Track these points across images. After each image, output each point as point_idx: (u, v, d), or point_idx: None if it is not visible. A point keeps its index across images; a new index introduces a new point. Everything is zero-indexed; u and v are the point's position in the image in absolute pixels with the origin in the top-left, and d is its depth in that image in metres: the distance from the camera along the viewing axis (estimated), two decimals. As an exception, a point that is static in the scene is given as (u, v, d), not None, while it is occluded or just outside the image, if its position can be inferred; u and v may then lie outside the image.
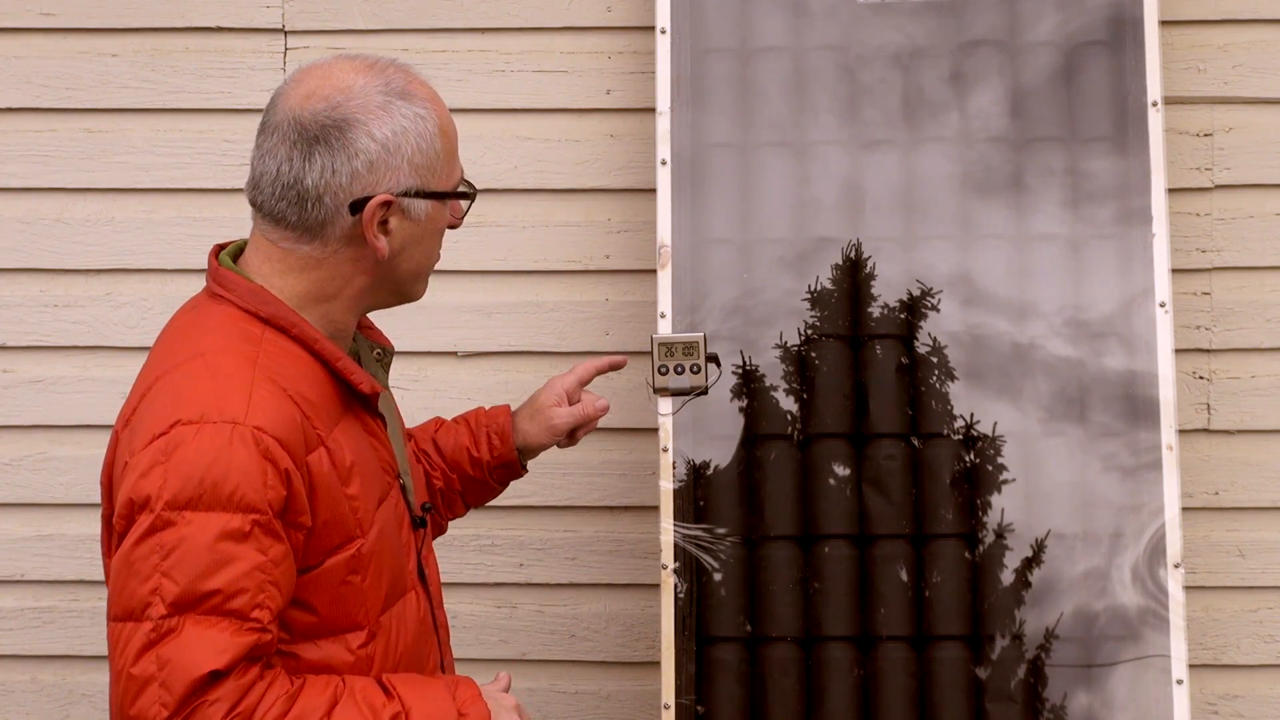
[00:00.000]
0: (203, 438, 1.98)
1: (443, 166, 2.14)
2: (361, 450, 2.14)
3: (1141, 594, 2.72)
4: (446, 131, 2.14)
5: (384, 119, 2.08)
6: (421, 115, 2.11)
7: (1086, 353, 2.80)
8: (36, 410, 3.15)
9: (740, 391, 2.81)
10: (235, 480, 1.96)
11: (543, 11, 3.10)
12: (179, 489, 1.96)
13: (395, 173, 2.10)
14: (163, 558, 1.95)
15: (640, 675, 3.11)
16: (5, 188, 3.14)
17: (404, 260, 2.15)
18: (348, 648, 2.11)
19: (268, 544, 1.98)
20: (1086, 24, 2.89)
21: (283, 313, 2.11)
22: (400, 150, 2.09)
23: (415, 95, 2.12)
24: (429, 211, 2.14)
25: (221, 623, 1.95)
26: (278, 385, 2.05)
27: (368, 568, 2.11)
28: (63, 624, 3.17)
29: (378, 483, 2.16)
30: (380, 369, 2.30)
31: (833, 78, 2.90)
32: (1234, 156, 3.05)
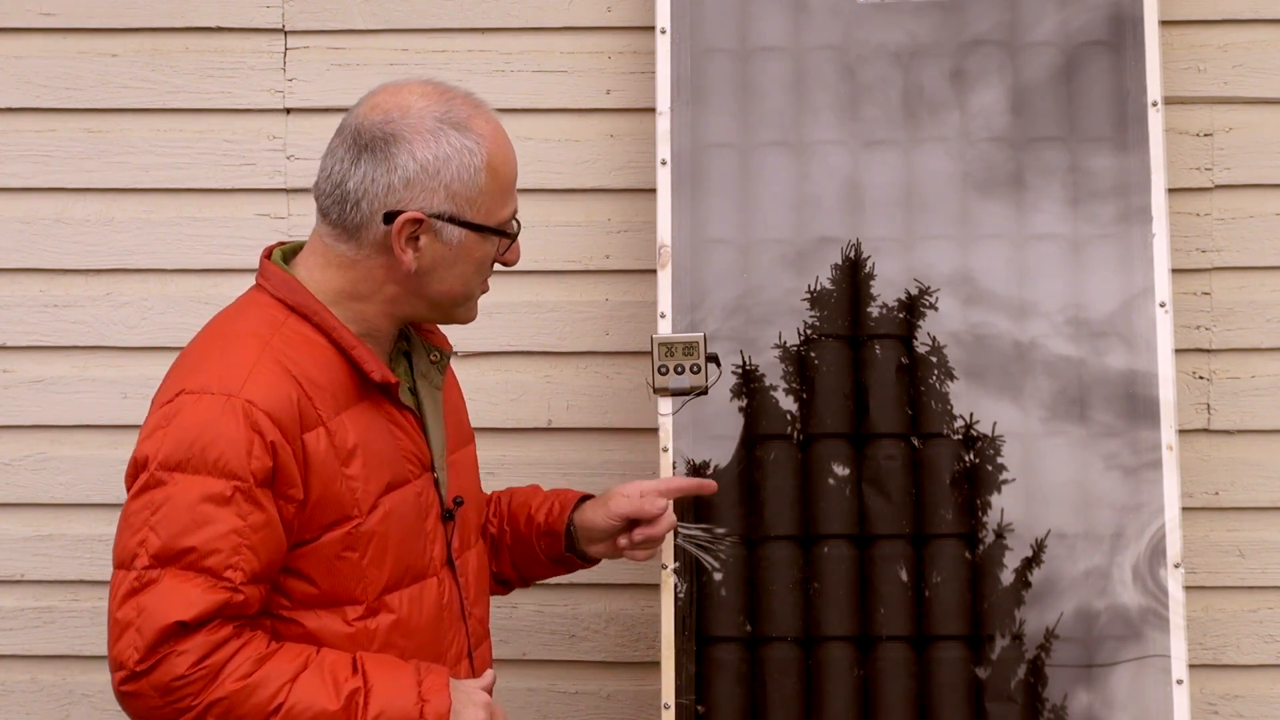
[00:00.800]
0: (200, 406, 2.15)
1: (485, 201, 2.25)
2: (373, 436, 2.25)
3: (1141, 594, 2.72)
4: (496, 169, 2.27)
5: (430, 143, 2.22)
6: (470, 149, 2.24)
7: (1086, 352, 2.80)
8: (36, 410, 3.15)
9: (740, 391, 2.81)
10: (221, 448, 2.12)
11: (543, 11, 3.10)
12: (171, 451, 2.13)
13: (431, 194, 2.22)
14: (151, 513, 2.12)
15: (640, 675, 3.11)
16: (5, 188, 3.14)
17: (434, 280, 2.27)
18: (344, 619, 2.22)
19: (247, 510, 2.12)
20: (1086, 24, 2.89)
21: (307, 301, 2.26)
22: (439, 175, 2.22)
23: (471, 129, 2.25)
24: (462, 240, 2.25)
25: (196, 578, 2.10)
26: (282, 366, 2.19)
27: (367, 546, 2.23)
28: (63, 624, 3.17)
29: (389, 468, 2.27)
30: (435, 371, 2.41)
31: (833, 77, 2.90)
32: (1234, 156, 3.05)
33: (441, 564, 2.35)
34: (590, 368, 3.12)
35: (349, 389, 2.25)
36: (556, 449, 3.13)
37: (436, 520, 2.35)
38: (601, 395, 3.12)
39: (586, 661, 3.15)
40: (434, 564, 2.33)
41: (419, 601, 2.30)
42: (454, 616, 2.37)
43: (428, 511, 2.33)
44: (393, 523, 2.27)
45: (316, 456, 2.19)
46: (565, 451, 3.13)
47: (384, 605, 2.26)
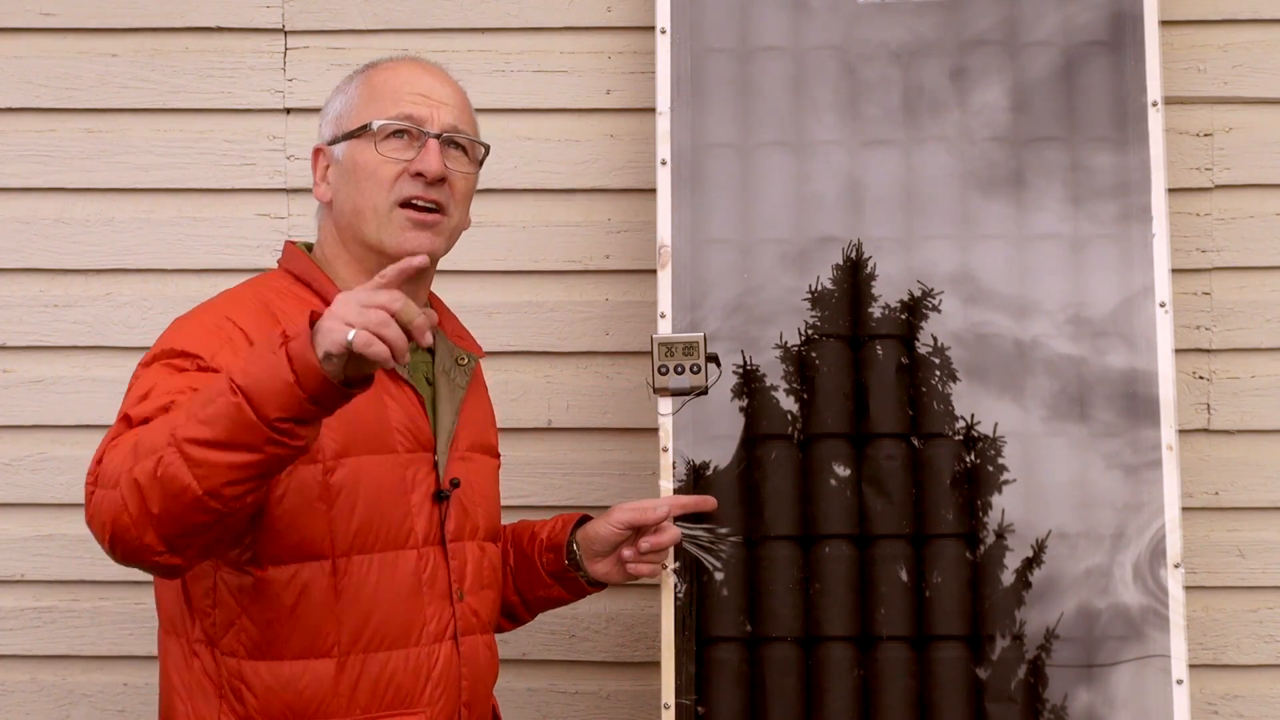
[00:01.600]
0: (184, 317, 2.35)
1: (360, 111, 2.42)
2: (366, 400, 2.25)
3: (1141, 594, 2.72)
4: (374, 81, 2.44)
5: (335, 91, 2.50)
6: (352, 78, 2.48)
7: (1086, 352, 2.80)
8: (36, 410, 3.15)
9: (740, 391, 2.81)
10: (189, 340, 2.26)
11: (543, 11, 3.10)
12: (157, 351, 2.28)
13: (325, 128, 2.47)
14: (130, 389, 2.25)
15: (640, 675, 3.11)
16: (5, 188, 3.14)
17: (340, 202, 2.43)
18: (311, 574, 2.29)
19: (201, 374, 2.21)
20: (1086, 24, 2.89)
21: (309, 270, 2.43)
22: (330, 109, 2.48)
23: (369, 65, 2.49)
24: (345, 153, 2.42)
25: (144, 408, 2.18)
26: (269, 310, 2.35)
27: (335, 499, 2.29)
28: (63, 624, 3.16)
29: (368, 432, 2.33)
30: (461, 371, 2.50)
31: (833, 77, 2.90)
32: (1234, 156, 3.05)
33: (428, 541, 2.38)
34: (590, 368, 3.12)
35: None
36: (556, 449, 3.13)
37: (426, 498, 2.39)
38: (601, 395, 3.12)
39: (586, 661, 3.15)
40: (415, 538, 2.36)
41: (391, 569, 2.34)
42: (438, 594, 2.38)
43: (414, 487, 2.37)
44: (364, 484, 2.31)
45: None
46: (565, 451, 3.13)
47: (351, 565, 2.31)
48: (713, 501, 2.71)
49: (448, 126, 2.43)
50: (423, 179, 2.38)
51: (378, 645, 2.33)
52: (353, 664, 2.31)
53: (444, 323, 2.56)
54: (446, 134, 2.42)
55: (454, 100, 2.46)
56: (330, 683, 2.30)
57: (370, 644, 2.32)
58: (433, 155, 2.39)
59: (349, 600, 2.31)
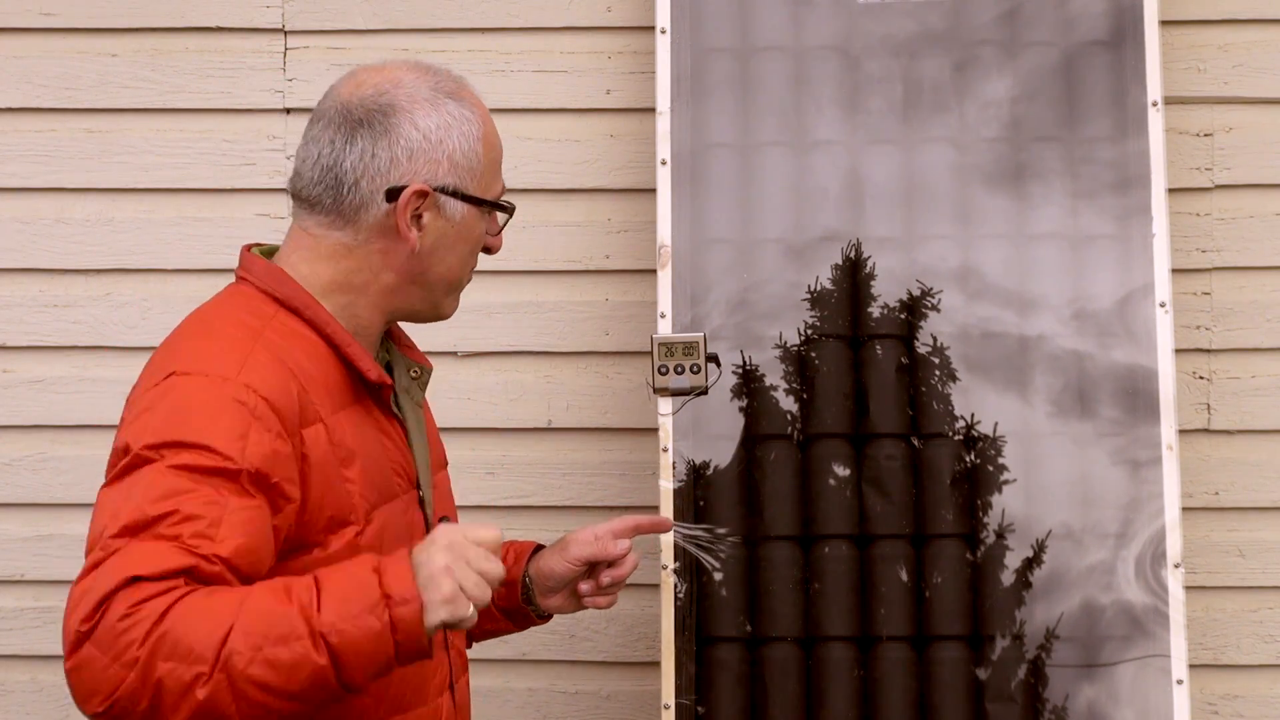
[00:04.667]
0: (191, 386, 1.97)
1: (483, 174, 2.15)
2: (367, 443, 2.11)
3: (1141, 594, 2.72)
4: (490, 142, 2.16)
5: (430, 111, 2.10)
6: (468, 117, 2.13)
7: (1086, 353, 2.80)
8: (36, 410, 3.15)
9: (740, 391, 2.81)
10: (214, 430, 1.92)
11: (543, 11, 3.10)
12: (159, 430, 1.93)
13: (435, 165, 2.10)
14: (128, 490, 1.90)
15: (640, 675, 3.11)
16: (5, 188, 3.14)
17: (435, 262, 2.15)
18: None
19: (235, 489, 1.91)
20: (1087, 23, 2.90)
21: (297, 294, 2.10)
22: (443, 144, 2.10)
23: (463, 99, 2.14)
24: (464, 215, 2.14)
25: (162, 544, 1.86)
26: (277, 358, 2.03)
27: None
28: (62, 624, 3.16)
29: (383, 481, 2.13)
30: (416, 388, 2.27)
31: (833, 77, 2.90)
32: (1234, 156, 3.05)
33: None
34: (590, 368, 3.12)
35: (343, 389, 2.10)
36: (556, 449, 3.13)
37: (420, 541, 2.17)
38: (601, 395, 3.12)
39: (586, 661, 3.15)
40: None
41: None
42: (437, 644, 2.18)
43: (413, 531, 2.17)
44: (386, 539, 2.10)
45: (316, 454, 2.02)
46: (565, 451, 3.13)
47: None
48: (668, 522, 2.58)
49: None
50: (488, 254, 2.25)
51: (396, 709, 2.13)
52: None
53: (394, 332, 2.31)
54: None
55: None
56: None
57: (390, 708, 2.12)
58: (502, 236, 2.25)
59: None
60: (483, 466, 3.12)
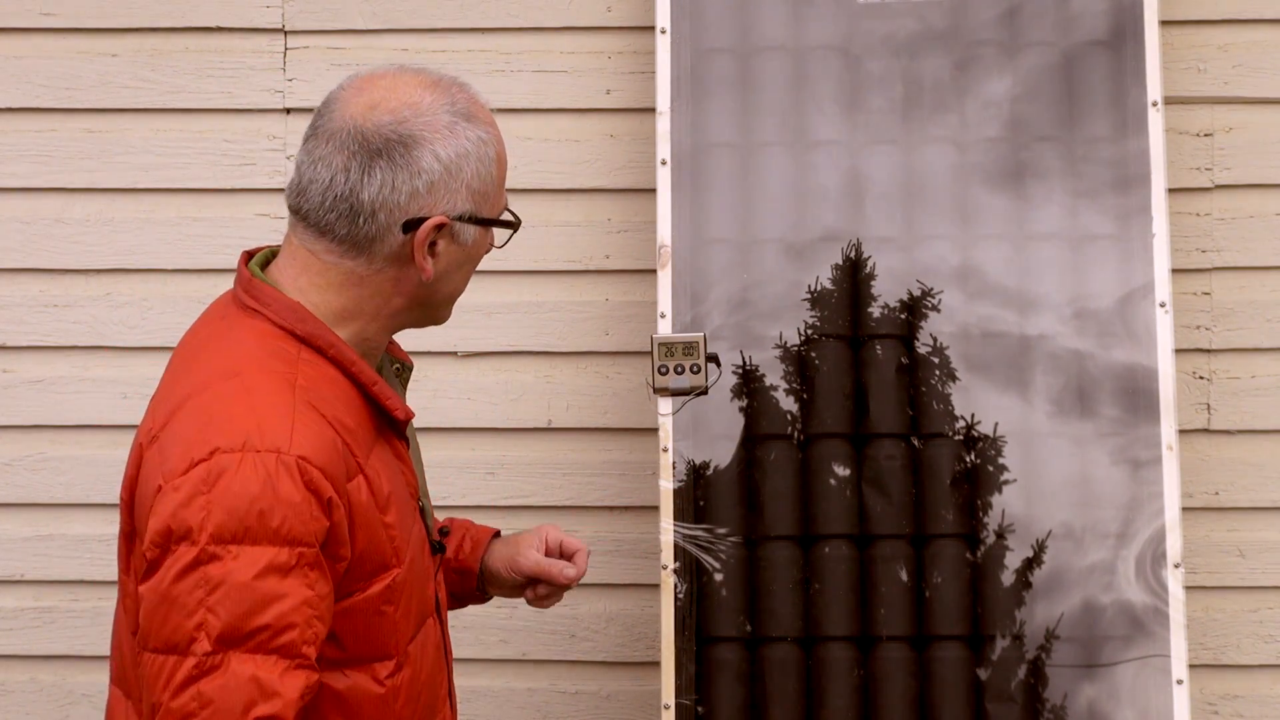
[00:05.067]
0: (246, 467, 1.91)
1: (494, 193, 2.10)
2: (394, 477, 2.08)
3: (1141, 594, 2.72)
4: (502, 159, 2.11)
5: (449, 140, 2.03)
6: (484, 140, 2.06)
7: (1086, 353, 2.80)
8: (36, 410, 3.15)
9: (740, 391, 2.81)
10: (282, 513, 1.90)
11: (543, 11, 3.10)
12: (223, 521, 1.89)
13: (454, 196, 2.04)
14: (208, 593, 1.87)
15: (640, 675, 3.11)
16: (5, 188, 3.14)
17: (444, 285, 2.11)
18: (375, 678, 2.04)
19: (314, 578, 1.91)
20: (1086, 24, 2.90)
21: (320, 332, 2.04)
22: (461, 174, 2.04)
23: (478, 118, 2.07)
24: (476, 237, 2.10)
25: (268, 660, 1.87)
26: (317, 411, 1.98)
27: (400, 597, 2.05)
28: (63, 624, 3.16)
29: (409, 510, 2.10)
30: (399, 385, 2.24)
31: (833, 77, 2.90)
32: (1234, 156, 3.05)
33: (433, 602, 2.18)
34: (590, 368, 3.12)
35: (369, 429, 2.06)
36: (556, 449, 3.12)
37: (429, 555, 2.17)
38: (601, 395, 3.12)
39: (586, 661, 3.15)
40: (430, 604, 2.16)
41: (425, 647, 2.12)
42: (442, 655, 2.20)
43: (423, 547, 2.14)
44: (414, 567, 2.09)
45: (360, 507, 1.99)
46: (565, 451, 3.13)
47: (408, 657, 2.08)
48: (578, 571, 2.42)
49: None
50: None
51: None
52: None
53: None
54: None
55: None
56: None
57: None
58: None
59: (407, 694, 2.08)
60: (483, 466, 3.12)
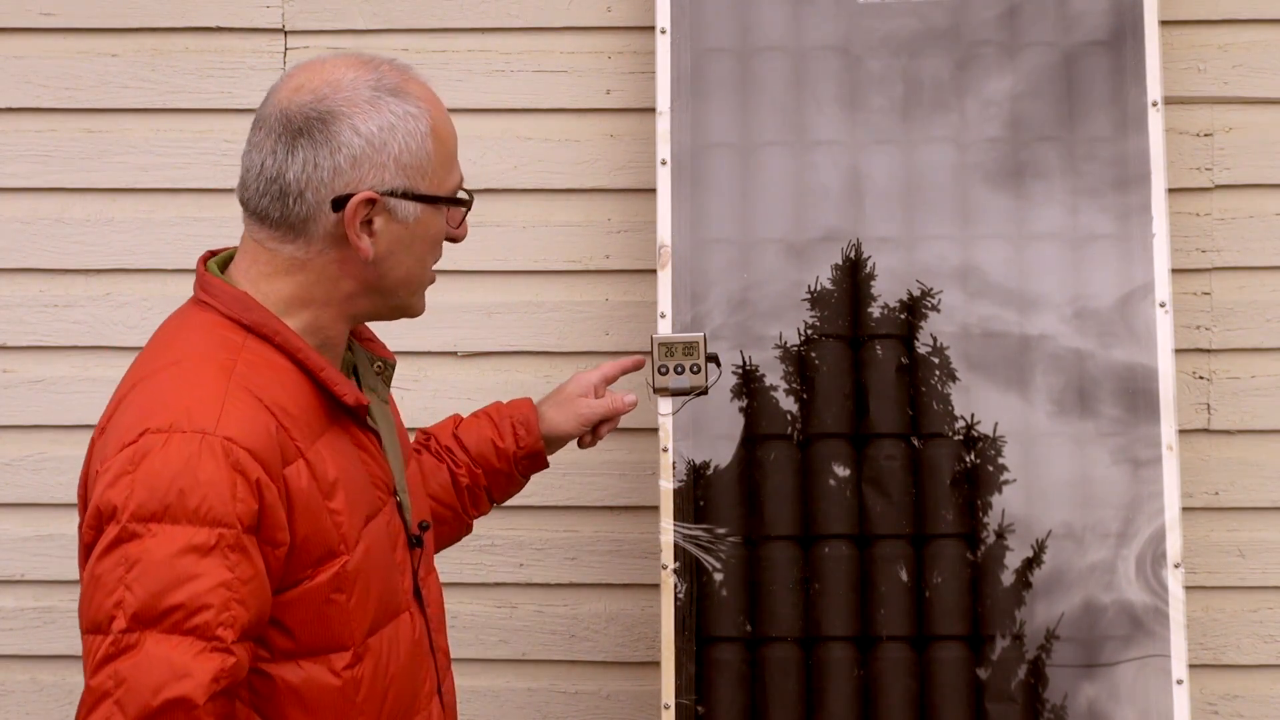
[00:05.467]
0: (171, 447, 1.92)
1: (434, 170, 2.07)
2: (348, 465, 2.08)
3: (1141, 594, 2.72)
4: (441, 134, 2.08)
5: (371, 114, 2.02)
6: (413, 114, 2.04)
7: (1086, 353, 2.80)
8: (36, 410, 3.15)
9: (740, 391, 2.81)
10: (201, 493, 1.90)
11: (543, 11, 3.10)
12: (144, 500, 1.90)
13: (380, 170, 2.02)
14: (126, 570, 1.88)
15: (640, 675, 3.11)
16: (5, 188, 3.14)
17: (393, 266, 2.08)
18: (332, 670, 2.04)
19: (235, 560, 1.91)
20: (1086, 24, 2.90)
21: (266, 320, 2.04)
22: (386, 147, 2.02)
23: (408, 94, 2.05)
24: (418, 215, 2.06)
25: (184, 641, 1.87)
26: (253, 395, 1.98)
27: (353, 586, 2.04)
28: (63, 624, 3.16)
29: (366, 498, 2.10)
30: (381, 383, 2.23)
31: (833, 77, 2.90)
32: (1234, 156, 3.05)
33: (410, 596, 2.17)
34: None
35: (319, 415, 2.06)
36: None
37: (404, 548, 2.17)
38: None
39: (586, 661, 3.15)
40: (404, 597, 2.15)
41: (395, 641, 2.12)
42: (424, 651, 2.19)
43: (396, 540, 2.15)
44: (373, 557, 2.08)
45: (300, 493, 1.99)
46: (565, 451, 3.11)
47: (368, 649, 2.07)
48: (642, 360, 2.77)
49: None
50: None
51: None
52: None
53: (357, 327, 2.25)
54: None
55: None
56: None
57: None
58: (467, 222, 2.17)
59: (368, 688, 2.07)
60: (483, 466, 3.12)
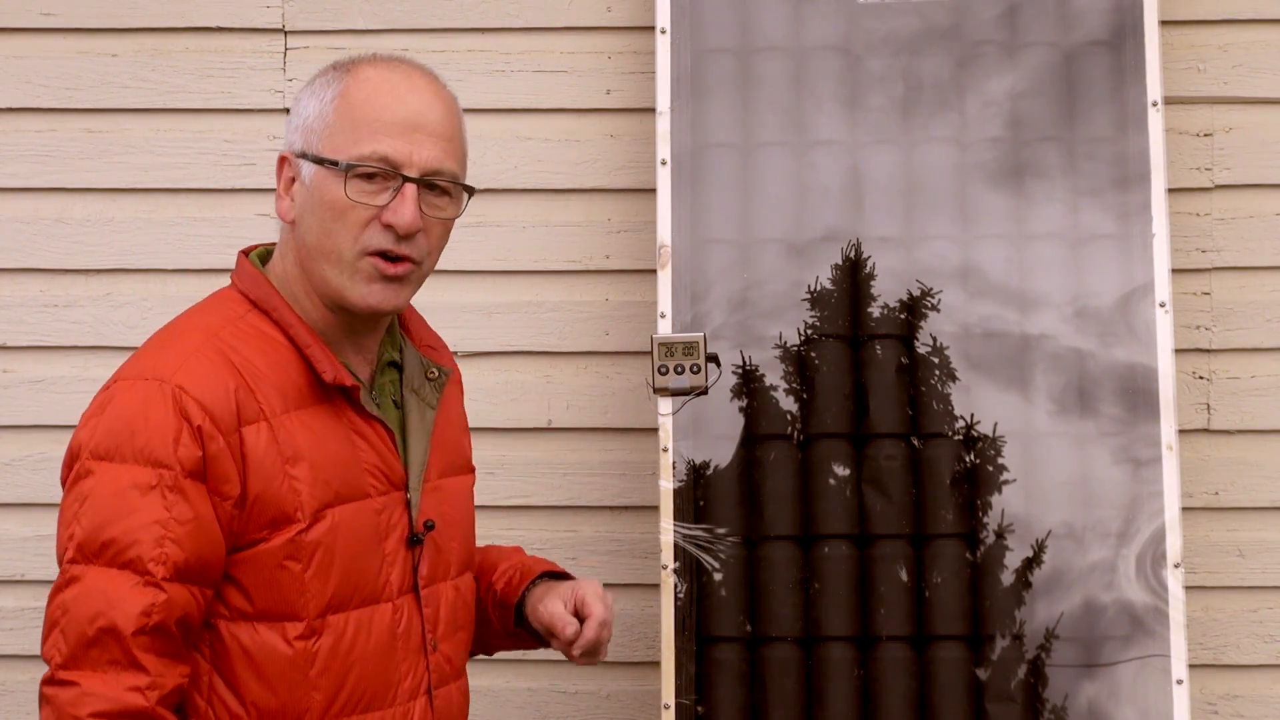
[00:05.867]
0: (131, 393, 2.08)
1: (334, 133, 2.12)
2: (326, 442, 2.13)
3: (1141, 594, 2.72)
4: (353, 100, 2.12)
5: (308, 88, 2.17)
6: (330, 81, 2.15)
7: (1086, 353, 2.80)
8: (36, 410, 3.15)
9: (740, 391, 2.81)
10: (147, 435, 2.03)
11: (543, 11, 3.10)
12: (101, 440, 2.05)
13: (294, 134, 2.17)
14: (80, 505, 2.03)
15: (640, 675, 3.11)
16: (5, 188, 3.14)
17: (304, 231, 2.16)
18: (284, 637, 2.09)
19: (173, 500, 2.01)
20: (1086, 23, 2.90)
21: (268, 297, 2.17)
22: (302, 112, 2.16)
23: (350, 69, 2.15)
24: (313, 177, 2.14)
25: (120, 575, 1.99)
26: (224, 356, 2.09)
27: (310, 558, 2.10)
28: (63, 624, 3.16)
29: (344, 479, 2.14)
30: (431, 388, 2.28)
31: (833, 76, 2.90)
32: (1234, 156, 3.05)
33: (402, 590, 2.19)
34: (590, 368, 3.12)
35: (303, 389, 2.13)
36: (556, 449, 3.12)
37: (400, 544, 2.19)
38: (601, 395, 3.12)
39: (587, 661, 3.15)
40: (390, 589, 2.17)
41: (366, 627, 2.14)
42: (412, 648, 2.20)
43: (388, 533, 2.18)
44: (341, 537, 2.12)
45: (256, 451, 2.07)
46: (565, 451, 3.13)
47: (326, 626, 2.11)
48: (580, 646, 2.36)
49: (428, 168, 2.12)
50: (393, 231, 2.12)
51: (353, 709, 2.14)
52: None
53: (413, 331, 2.33)
54: (426, 177, 2.13)
55: (440, 127, 2.14)
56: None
57: (345, 708, 2.14)
58: (407, 206, 2.11)
59: (324, 664, 2.11)
60: (483, 466, 3.10)
